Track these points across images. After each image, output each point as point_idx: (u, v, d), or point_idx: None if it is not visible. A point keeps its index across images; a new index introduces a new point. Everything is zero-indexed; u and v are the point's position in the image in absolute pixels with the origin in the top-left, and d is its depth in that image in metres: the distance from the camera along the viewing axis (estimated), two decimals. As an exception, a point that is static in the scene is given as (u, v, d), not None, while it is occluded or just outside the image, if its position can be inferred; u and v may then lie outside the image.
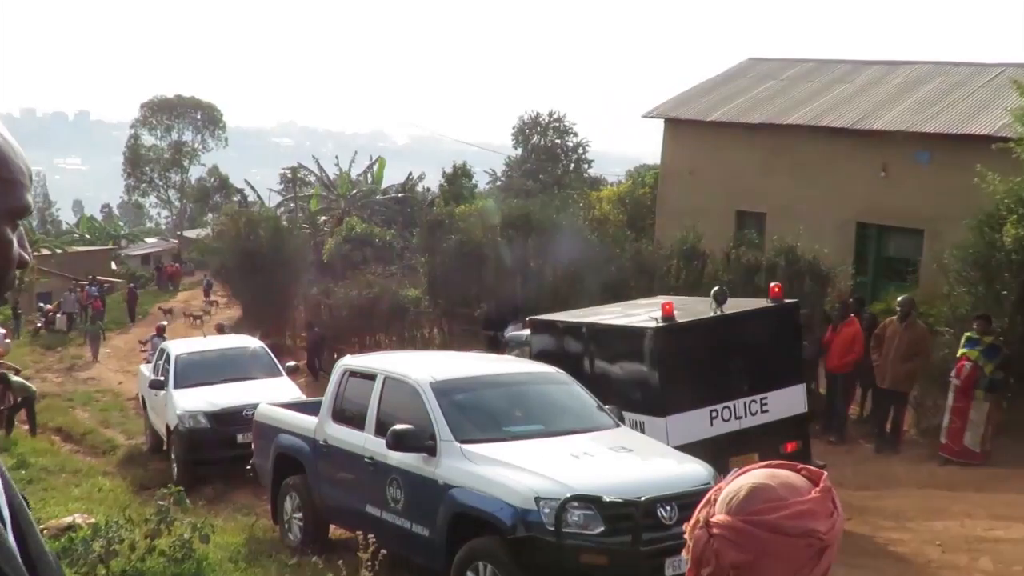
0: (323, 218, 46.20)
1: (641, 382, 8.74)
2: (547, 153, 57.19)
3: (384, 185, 51.16)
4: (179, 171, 71.39)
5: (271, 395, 12.20)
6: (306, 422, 8.96)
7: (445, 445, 7.10)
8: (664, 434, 8.12)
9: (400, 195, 48.13)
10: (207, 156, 72.58)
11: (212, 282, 44.15)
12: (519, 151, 59.28)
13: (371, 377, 8.24)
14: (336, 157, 50.60)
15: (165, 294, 48.68)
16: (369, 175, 51.63)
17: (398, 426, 7.28)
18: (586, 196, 28.04)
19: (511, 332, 15.88)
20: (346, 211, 43.54)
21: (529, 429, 7.50)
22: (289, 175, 53.50)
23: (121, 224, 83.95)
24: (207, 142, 71.87)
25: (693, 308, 9.72)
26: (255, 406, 10.40)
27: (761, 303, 9.80)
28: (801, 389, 9.72)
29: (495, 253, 20.46)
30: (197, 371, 14.26)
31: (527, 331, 11.51)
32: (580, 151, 59.09)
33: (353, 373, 8.61)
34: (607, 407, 8.06)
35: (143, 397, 16.34)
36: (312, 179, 53.46)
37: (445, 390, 7.59)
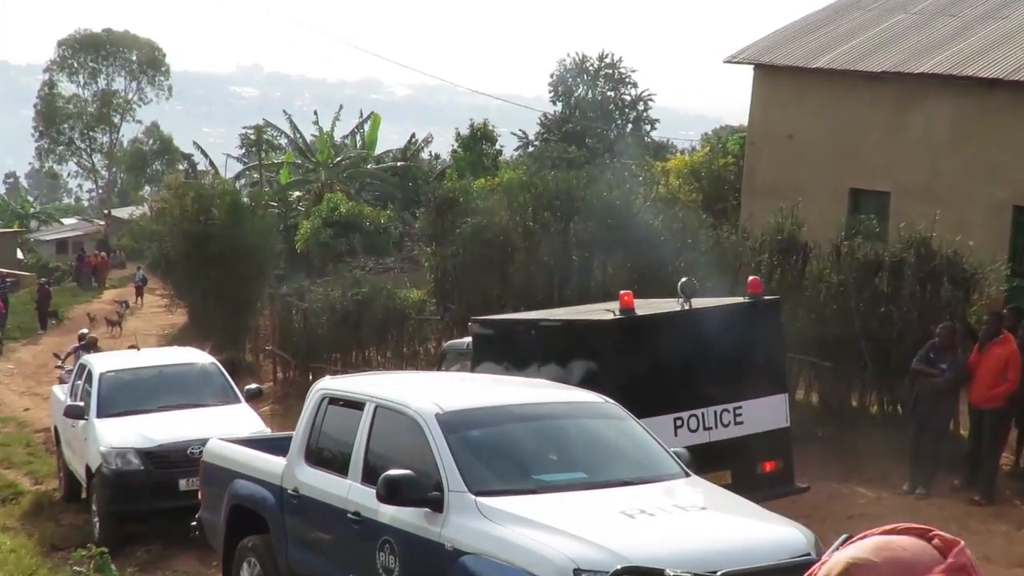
0: (296, 193, 46.53)
1: (594, 384, 9.32)
2: (597, 109, 57.26)
3: (378, 150, 51.43)
4: (107, 130, 72.13)
5: (225, 427, 12.27)
6: (271, 464, 9.01)
7: (455, 498, 7.11)
8: None
9: (399, 164, 48.35)
10: (144, 110, 73.40)
11: (146, 277, 44.60)
12: (558, 107, 59.33)
13: (358, 406, 8.27)
14: (315, 113, 50.91)
15: (87, 293, 49.18)
16: (359, 137, 51.92)
17: (393, 471, 7.30)
18: (648, 167, 28.02)
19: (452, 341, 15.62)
20: (327, 184, 43.79)
21: (568, 478, 7.52)
22: (252, 136, 53.93)
23: (30, 200, 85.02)
24: (144, 92, 72.57)
25: (664, 304, 10.80)
26: (204, 442, 10.49)
27: (739, 299, 10.92)
28: (783, 400, 10.82)
29: (525, 243, 20.44)
30: (128, 395, 14.39)
31: (469, 339, 12.48)
32: (641, 107, 59.09)
33: (334, 400, 8.64)
34: (677, 450, 8.05)
35: (56, 428, 16.51)
36: (283, 142, 53.87)
37: (456, 424, 7.61)
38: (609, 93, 58.76)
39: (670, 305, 10.77)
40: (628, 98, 59.07)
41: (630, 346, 10.19)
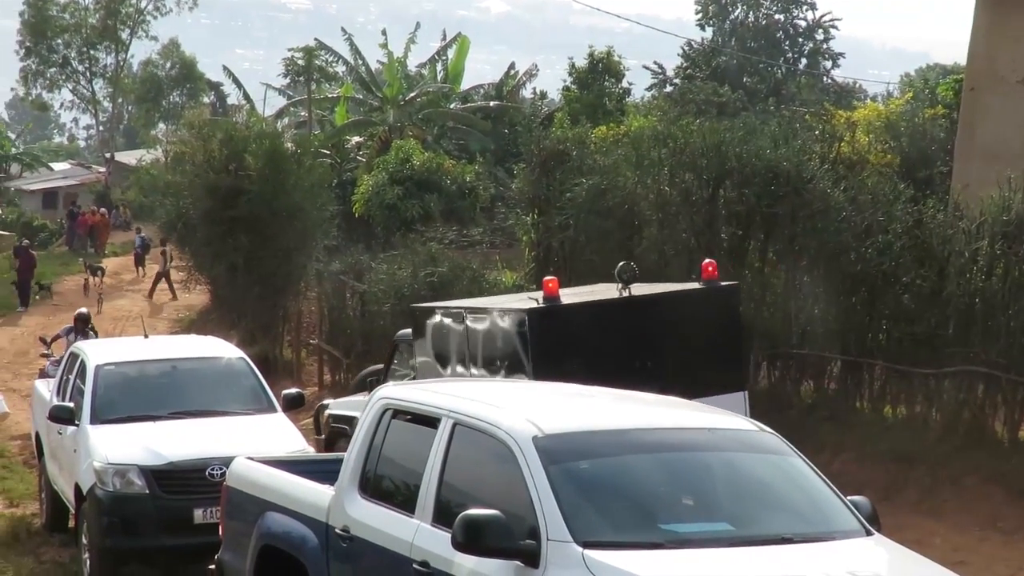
0: (356, 139, 46.94)
1: (515, 374, 11.51)
2: (760, 38, 56.81)
3: (465, 85, 51.65)
4: (113, 48, 73.11)
5: (256, 444, 12.45)
6: (314, 495, 9.10)
7: (556, 549, 7.11)
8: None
9: (493, 103, 48.50)
10: (161, 24, 74.38)
11: (148, 240, 45.35)
12: (708, 33, 59.06)
13: (430, 422, 8.31)
14: (383, 33, 51.28)
15: (81, 257, 50.04)
16: (440, 66, 52.17)
17: (474, 511, 7.31)
18: (828, 117, 27.68)
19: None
20: (396, 128, 44.12)
21: (707, 530, 7.47)
22: (300, 61, 54.50)
23: (11, 137, 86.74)
24: (163, 0, 73.30)
25: (608, 291, 12.60)
26: (228, 461, 10.62)
27: (690, 286, 12.76)
28: (741, 398, 12.60)
29: (658, 214, 20.38)
30: (131, 396, 14.63)
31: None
32: (819, 37, 58.54)
33: (399, 414, 8.70)
34: (855, 499, 7.98)
35: (38, 436, 16.84)
36: (340, 70, 54.35)
37: (559, 452, 7.61)
38: (778, 16, 58.31)
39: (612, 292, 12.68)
40: (803, 24, 58.56)
41: (553, 335, 12.30)
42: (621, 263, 13.16)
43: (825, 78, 56.33)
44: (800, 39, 58.21)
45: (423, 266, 23.72)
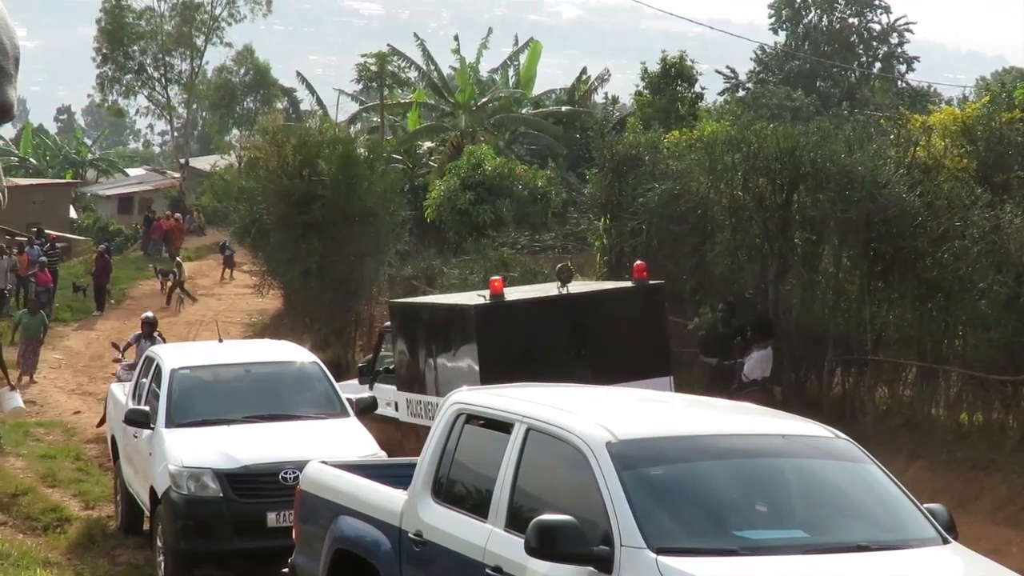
0: (428, 144, 47.09)
1: (466, 364, 14.39)
2: (833, 42, 56.46)
3: (537, 90, 51.69)
4: (188, 54, 73.67)
5: (329, 448, 12.51)
6: (387, 499, 9.15)
7: (629, 555, 7.12)
8: None
9: (564, 108, 48.53)
10: (235, 30, 74.86)
11: (231, 247, 45.80)
12: (781, 37, 58.76)
13: (504, 427, 8.34)
14: (455, 38, 51.49)
15: (155, 262, 50.47)
16: (511, 71, 52.27)
17: (547, 517, 7.33)
18: (903, 122, 27.43)
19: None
20: (469, 134, 44.22)
21: (781, 537, 7.48)
22: (372, 67, 54.71)
23: (87, 143, 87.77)
24: (236, 6, 73.82)
25: (549, 289, 15.18)
26: (302, 465, 10.71)
27: (622, 284, 15.07)
28: (667, 382, 15.05)
29: (732, 219, 20.33)
30: (206, 400, 14.79)
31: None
32: (894, 41, 58.11)
33: (472, 419, 8.73)
34: (932, 506, 7.92)
35: (114, 439, 17.01)
36: (412, 75, 54.49)
37: (633, 458, 7.62)
38: (851, 20, 57.90)
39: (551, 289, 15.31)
40: (877, 27, 58.11)
41: (499, 328, 14.77)
42: (560, 265, 16.12)
43: (899, 82, 55.88)
44: (874, 43, 57.80)
45: (495, 271, 23.74)
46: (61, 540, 15.87)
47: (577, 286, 16.00)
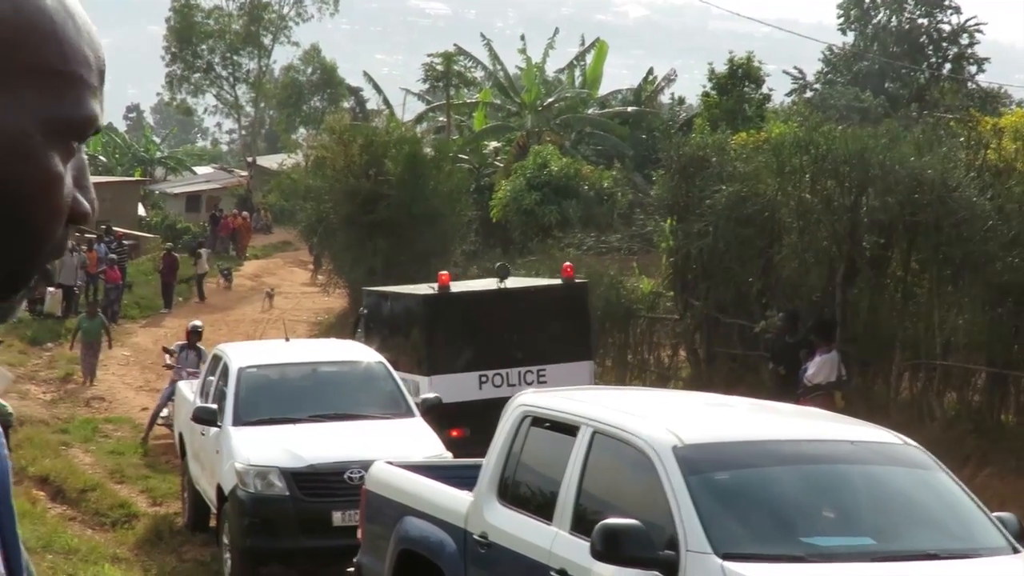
0: (494, 144, 47.17)
1: (415, 345, 17.55)
2: (902, 43, 56.04)
3: (603, 91, 51.68)
4: (255, 54, 74.18)
5: (394, 448, 12.55)
6: (453, 500, 9.19)
7: (695, 560, 7.11)
8: (429, 391, 15.47)
9: (631, 109, 48.49)
10: (303, 29, 75.36)
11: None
12: (849, 37, 58.39)
13: (569, 430, 8.35)
14: (521, 38, 51.54)
15: (223, 261, 50.75)
16: (578, 71, 52.30)
17: (613, 520, 7.34)
18: (974, 124, 27.19)
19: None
20: (535, 134, 44.26)
21: (849, 544, 7.45)
22: (439, 66, 54.86)
23: (156, 141, 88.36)
24: (304, 5, 74.25)
25: (489, 284, 18.29)
26: (367, 465, 10.77)
27: (551, 281, 18.65)
28: (588, 366, 18.01)
29: (799, 222, 20.23)
30: (273, 399, 14.88)
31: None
32: (964, 42, 57.59)
33: (538, 421, 8.75)
34: (1002, 515, 7.85)
35: (182, 436, 17.17)
36: (478, 75, 54.66)
37: (700, 462, 7.61)
38: (921, 21, 57.44)
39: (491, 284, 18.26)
40: (947, 28, 57.58)
41: (443, 316, 17.59)
42: (499, 263, 19.49)
43: (969, 83, 55.37)
44: (944, 43, 57.30)
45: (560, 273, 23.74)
46: (129, 536, 16.03)
47: (513, 282, 18.77)
